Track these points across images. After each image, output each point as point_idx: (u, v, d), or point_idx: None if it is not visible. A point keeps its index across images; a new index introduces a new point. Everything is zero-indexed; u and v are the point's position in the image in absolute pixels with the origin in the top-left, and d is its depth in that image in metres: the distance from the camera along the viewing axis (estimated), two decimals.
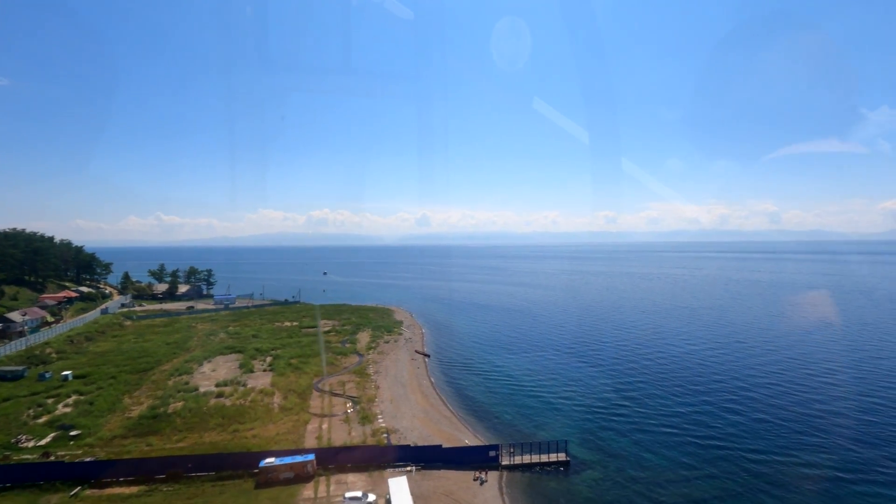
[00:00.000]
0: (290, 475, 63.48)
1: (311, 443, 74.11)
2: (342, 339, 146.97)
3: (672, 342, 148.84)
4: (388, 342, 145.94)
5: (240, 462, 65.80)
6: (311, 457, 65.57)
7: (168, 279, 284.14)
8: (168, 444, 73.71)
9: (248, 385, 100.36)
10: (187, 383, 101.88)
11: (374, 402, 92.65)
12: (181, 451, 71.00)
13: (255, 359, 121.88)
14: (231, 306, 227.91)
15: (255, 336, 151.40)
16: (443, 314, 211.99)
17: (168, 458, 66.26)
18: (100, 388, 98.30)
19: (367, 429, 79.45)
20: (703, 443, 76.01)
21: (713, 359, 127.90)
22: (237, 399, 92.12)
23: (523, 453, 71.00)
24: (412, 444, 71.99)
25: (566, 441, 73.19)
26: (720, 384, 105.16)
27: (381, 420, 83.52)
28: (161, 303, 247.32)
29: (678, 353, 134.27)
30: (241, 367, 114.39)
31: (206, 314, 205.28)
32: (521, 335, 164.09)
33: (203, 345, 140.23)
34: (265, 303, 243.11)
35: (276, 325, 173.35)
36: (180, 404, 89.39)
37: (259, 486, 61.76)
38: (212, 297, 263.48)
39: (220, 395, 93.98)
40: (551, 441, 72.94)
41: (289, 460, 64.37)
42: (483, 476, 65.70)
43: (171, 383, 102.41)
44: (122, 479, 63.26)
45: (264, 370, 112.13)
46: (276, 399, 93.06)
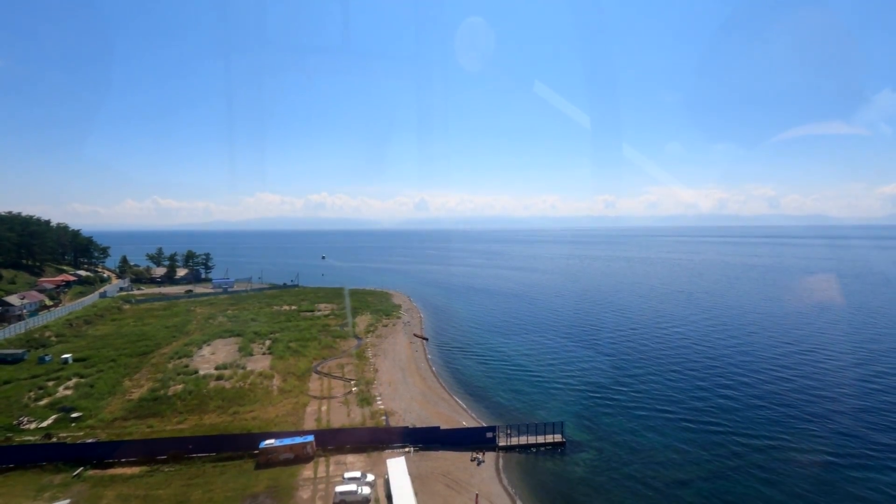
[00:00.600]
0: (290, 456, 64.34)
1: (310, 424, 74.95)
2: (341, 323, 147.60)
3: (668, 326, 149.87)
4: (386, 326, 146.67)
5: (240, 443, 66.63)
6: (310, 438, 66.37)
7: (166, 263, 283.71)
8: (169, 426, 74.52)
9: (248, 368, 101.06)
10: (187, 366, 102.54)
11: (372, 384, 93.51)
12: (182, 432, 71.82)
13: (254, 342, 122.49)
14: (229, 290, 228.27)
15: (254, 320, 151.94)
16: (441, 298, 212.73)
17: (169, 440, 67.02)
18: (100, 371, 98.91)
19: (366, 411, 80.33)
20: (697, 426, 77.13)
21: (709, 343, 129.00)
22: (237, 382, 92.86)
23: (520, 434, 72.01)
24: (410, 426, 72.87)
25: (562, 423, 74.14)
26: (715, 368, 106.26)
27: (379, 402, 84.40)
28: (159, 287, 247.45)
29: (674, 338, 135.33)
30: (241, 350, 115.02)
31: (204, 298, 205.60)
32: (518, 319, 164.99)
33: (202, 328, 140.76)
34: (264, 287, 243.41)
35: (275, 308, 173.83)
36: (180, 387, 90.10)
37: (259, 467, 62.64)
38: (210, 281, 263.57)
39: (219, 378, 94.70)
40: (548, 423, 73.88)
41: (288, 441, 65.19)
42: (480, 457, 66.69)
43: (170, 366, 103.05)
44: (123, 459, 64.07)
45: (263, 353, 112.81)
46: (276, 382, 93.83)
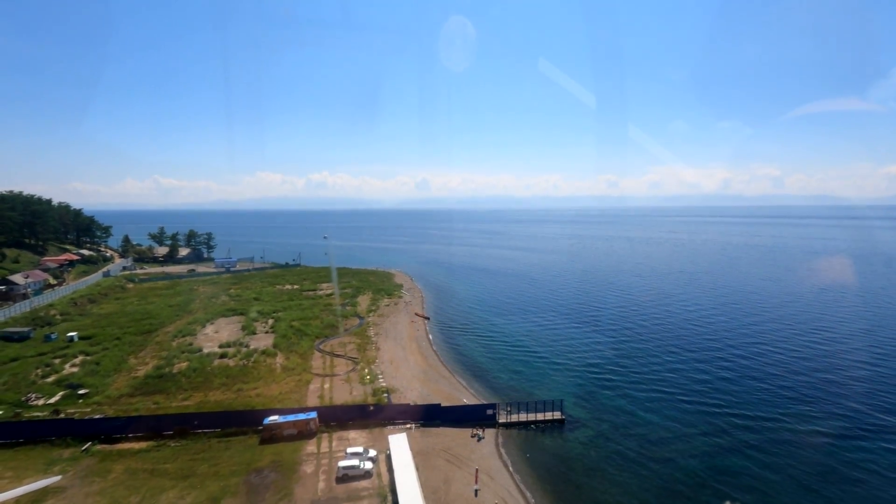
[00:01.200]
0: (294, 432, 65.56)
1: (313, 401, 76.14)
2: (343, 302, 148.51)
3: (669, 306, 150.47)
4: (388, 305, 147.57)
5: (244, 419, 67.83)
6: (313, 415, 67.50)
7: (168, 242, 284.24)
8: (174, 403, 75.81)
9: (251, 346, 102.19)
10: (191, 344, 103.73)
11: (374, 362, 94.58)
12: (187, 409, 73.09)
13: (257, 321, 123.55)
14: (232, 269, 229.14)
15: (257, 299, 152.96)
16: (442, 278, 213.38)
17: (175, 416, 68.26)
18: (105, 349, 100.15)
19: (368, 388, 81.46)
20: (695, 405, 78.08)
21: (709, 322, 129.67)
22: (240, 360, 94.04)
23: (520, 412, 73.09)
24: (412, 403, 73.96)
25: (562, 400, 75.16)
26: (715, 347, 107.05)
27: (381, 380, 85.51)
28: (162, 266, 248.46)
29: (674, 317, 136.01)
30: (244, 328, 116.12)
31: (207, 277, 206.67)
32: (519, 298, 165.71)
33: (205, 307, 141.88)
34: (266, 266, 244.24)
35: (278, 288, 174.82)
36: (185, 364, 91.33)
37: (263, 443, 63.91)
38: (212, 260, 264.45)
39: (223, 356, 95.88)
40: (547, 400, 74.90)
41: (292, 418, 66.33)
42: (480, 433, 67.85)
43: (175, 344, 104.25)
44: (131, 435, 65.36)
45: (266, 332, 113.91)
46: (279, 360, 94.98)
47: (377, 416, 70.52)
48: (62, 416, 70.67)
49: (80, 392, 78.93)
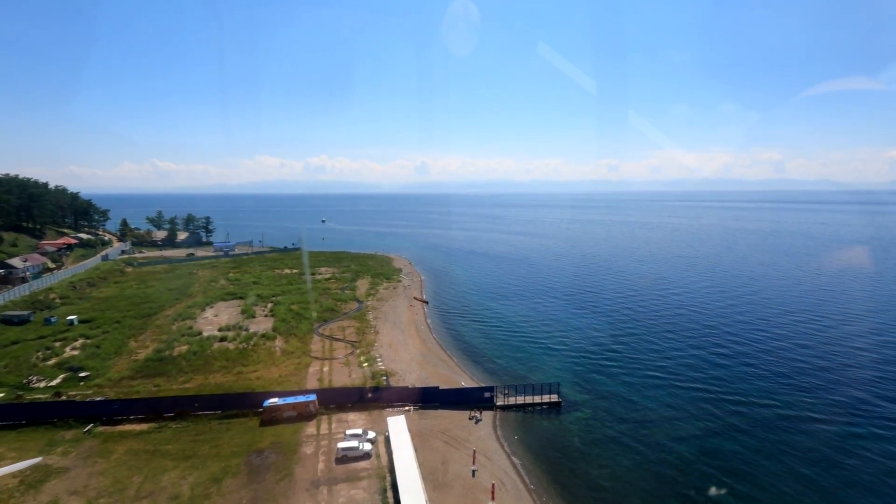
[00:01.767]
0: (293, 414, 66.29)
1: (312, 384, 76.85)
2: (342, 286, 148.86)
3: (666, 290, 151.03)
4: (387, 289, 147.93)
5: (244, 402, 68.50)
6: (312, 397, 68.19)
7: (166, 226, 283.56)
8: (175, 385, 76.48)
9: (251, 330, 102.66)
10: (191, 328, 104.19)
11: (373, 346, 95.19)
12: (188, 391, 73.78)
13: (257, 305, 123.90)
14: (231, 253, 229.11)
15: (256, 283, 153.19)
16: (441, 262, 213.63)
17: (176, 398, 68.90)
18: (105, 332, 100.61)
19: (367, 371, 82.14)
20: (690, 388, 78.87)
21: (706, 307, 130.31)
22: (240, 343, 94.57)
23: (517, 394, 73.85)
24: (410, 386, 74.67)
25: (558, 383, 75.95)
26: (711, 332, 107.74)
27: (380, 363, 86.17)
28: (161, 250, 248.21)
29: (671, 302, 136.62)
30: (243, 312, 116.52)
31: (206, 261, 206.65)
32: (518, 283, 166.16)
33: (204, 291, 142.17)
34: (264, 250, 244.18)
35: (277, 272, 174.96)
36: (185, 348, 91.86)
37: (264, 424, 64.66)
38: (211, 244, 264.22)
39: (223, 340, 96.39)
40: (544, 383, 75.67)
41: (291, 400, 67.01)
42: (478, 415, 68.66)
43: (174, 328, 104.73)
44: (132, 417, 66.10)
45: (265, 315, 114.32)
46: (278, 343, 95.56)
47: (376, 399, 71.25)
48: (64, 398, 71.32)
49: (81, 375, 79.53)
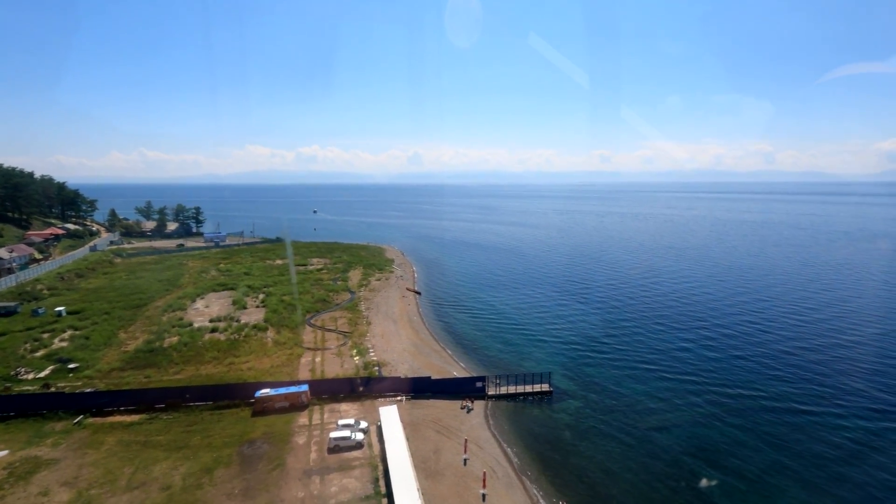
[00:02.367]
0: (286, 404, 66.33)
1: (304, 375, 76.88)
2: (334, 277, 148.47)
3: (656, 281, 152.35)
4: (379, 280, 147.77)
5: (236, 392, 68.39)
6: (304, 387, 68.24)
7: (156, 217, 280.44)
8: (166, 377, 76.11)
9: (242, 321, 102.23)
10: (181, 319, 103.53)
11: (365, 336, 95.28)
12: (179, 382, 73.46)
13: (248, 296, 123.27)
14: (221, 244, 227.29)
15: (247, 273, 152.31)
16: (434, 253, 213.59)
17: (167, 389, 68.64)
18: (94, 324, 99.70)
19: (359, 361, 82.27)
20: (679, 377, 79.93)
21: (695, 298, 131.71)
22: (231, 334, 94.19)
23: (509, 384, 74.40)
24: (402, 376, 74.92)
25: (550, 373, 76.61)
26: (700, 323, 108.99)
27: (372, 353, 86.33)
28: (150, 240, 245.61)
29: (662, 292, 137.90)
30: (234, 303, 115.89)
31: (196, 252, 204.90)
32: (510, 273, 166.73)
33: (195, 282, 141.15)
34: (256, 241, 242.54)
35: (268, 262, 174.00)
36: (175, 339, 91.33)
37: (255, 415, 64.67)
38: (201, 234, 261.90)
39: (214, 331, 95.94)
40: (535, 373, 76.27)
41: (283, 391, 67.01)
42: (470, 405, 69.15)
43: (165, 319, 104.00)
44: (122, 408, 65.77)
45: (257, 307, 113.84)
46: (270, 334, 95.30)
47: (368, 389, 71.48)
48: (53, 389, 70.75)
49: (71, 366, 78.86)
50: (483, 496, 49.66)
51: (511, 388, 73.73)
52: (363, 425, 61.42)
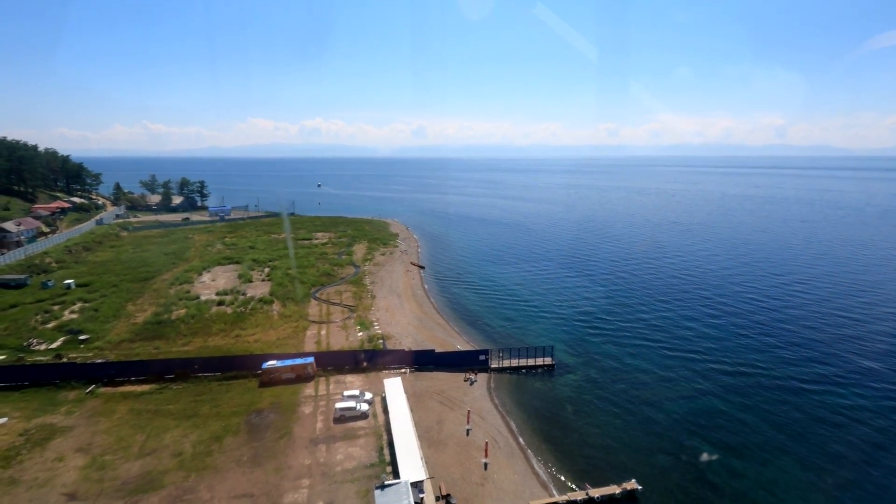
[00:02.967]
0: (292, 376, 67.62)
1: (310, 347, 78.03)
2: (338, 251, 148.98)
3: (661, 257, 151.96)
4: (383, 254, 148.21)
5: (243, 364, 69.71)
6: (310, 359, 69.39)
7: (160, 190, 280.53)
8: (174, 348, 77.53)
9: (248, 294, 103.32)
10: (188, 292, 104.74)
11: (370, 310, 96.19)
12: (188, 353, 74.86)
13: (253, 269, 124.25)
14: (226, 218, 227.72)
15: (252, 247, 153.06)
16: (438, 227, 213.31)
17: (176, 360, 69.96)
18: (103, 296, 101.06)
19: (364, 335, 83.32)
20: (681, 352, 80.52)
21: (699, 273, 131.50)
22: (238, 307, 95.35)
23: (511, 357, 75.31)
24: (406, 349, 75.95)
25: (552, 346, 77.34)
26: (704, 297, 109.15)
27: (377, 327, 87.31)
28: (156, 214, 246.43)
29: (665, 267, 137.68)
30: (240, 277, 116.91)
31: (201, 226, 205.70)
32: (515, 248, 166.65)
33: (201, 255, 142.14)
34: (260, 215, 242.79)
35: (273, 236, 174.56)
36: (183, 311, 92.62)
37: (263, 386, 66.04)
38: (206, 208, 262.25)
39: (220, 304, 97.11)
40: (538, 346, 77.07)
41: (290, 362, 68.19)
42: (473, 377, 70.23)
43: (172, 292, 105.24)
44: (133, 378, 67.28)
45: (262, 280, 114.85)
46: (276, 307, 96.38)
47: (373, 362, 72.59)
48: (65, 360, 72.31)
49: (81, 337, 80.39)
50: (485, 465, 50.94)
51: (514, 362, 74.67)
52: (368, 396, 62.64)
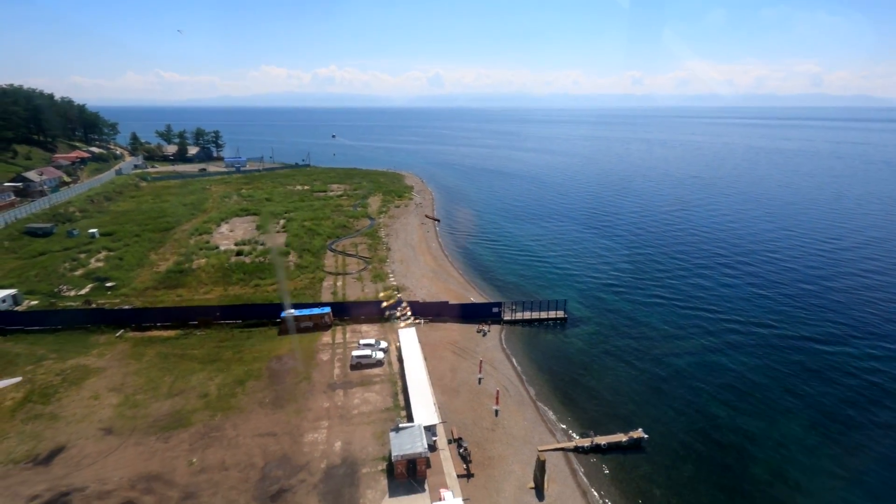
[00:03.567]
0: (310, 325, 69.70)
1: (326, 297, 79.88)
2: (354, 204, 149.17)
3: (679, 212, 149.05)
4: (398, 207, 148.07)
5: (263, 312, 71.93)
6: (327, 309, 71.20)
7: (176, 141, 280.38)
8: (196, 296, 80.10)
9: (265, 245, 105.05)
10: (208, 242, 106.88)
11: (385, 262, 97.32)
12: (209, 301, 77.36)
13: (270, 221, 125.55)
14: (242, 169, 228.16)
15: (269, 199, 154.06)
16: (454, 180, 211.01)
17: (199, 308, 72.50)
18: (126, 245, 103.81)
19: (379, 286, 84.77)
20: (694, 309, 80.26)
21: (719, 229, 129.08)
22: (256, 257, 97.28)
23: (524, 310, 76.18)
24: (421, 301, 77.26)
25: (565, 300, 77.79)
26: (721, 254, 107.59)
27: (391, 278, 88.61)
28: (173, 165, 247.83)
29: (684, 223, 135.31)
30: (258, 228, 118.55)
31: (217, 177, 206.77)
32: (531, 202, 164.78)
33: (218, 206, 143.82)
34: (275, 166, 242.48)
35: (288, 188, 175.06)
36: (203, 261, 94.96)
37: (282, 334, 68.34)
38: (222, 159, 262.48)
39: (239, 254, 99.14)
40: (551, 300, 77.58)
41: (307, 311, 70.10)
42: (486, 329, 71.54)
43: (192, 242, 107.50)
44: (159, 324, 70.16)
45: (279, 231, 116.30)
46: (292, 258, 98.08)
47: (388, 312, 74.15)
48: (94, 306, 75.43)
49: (108, 285, 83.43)
50: (496, 412, 52.81)
51: (526, 314, 75.59)
52: (383, 345, 64.51)
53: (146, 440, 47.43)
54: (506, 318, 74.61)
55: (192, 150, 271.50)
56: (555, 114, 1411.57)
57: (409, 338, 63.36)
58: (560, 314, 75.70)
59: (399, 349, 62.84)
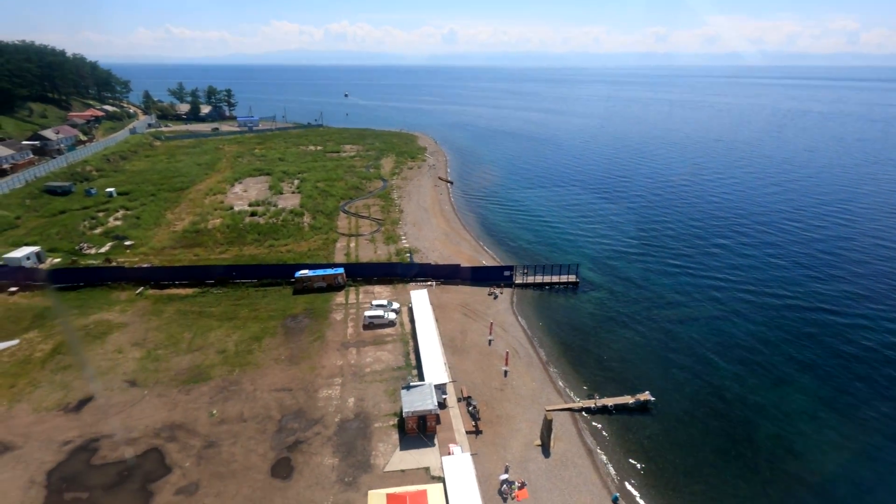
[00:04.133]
0: (323, 285, 70.77)
1: (339, 258, 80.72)
2: (366, 164, 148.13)
3: (698, 178, 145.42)
4: (411, 168, 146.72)
5: (278, 272, 73.11)
6: (340, 270, 72.02)
7: (188, 99, 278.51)
8: (212, 255, 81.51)
9: (279, 206, 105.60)
10: (222, 202, 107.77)
11: (398, 224, 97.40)
12: (225, 261, 78.76)
13: (283, 181, 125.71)
14: (255, 129, 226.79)
15: (282, 159, 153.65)
16: (468, 142, 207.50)
17: (216, 267, 73.95)
18: (143, 205, 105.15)
19: (392, 248, 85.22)
20: (708, 276, 79.33)
21: (738, 194, 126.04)
22: (270, 218, 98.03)
23: (536, 274, 76.18)
24: (433, 263, 77.64)
25: (577, 265, 77.42)
26: (739, 221, 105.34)
27: (404, 241, 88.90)
28: (186, 124, 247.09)
29: (703, 189, 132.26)
30: (271, 188, 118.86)
31: (230, 136, 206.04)
32: (546, 165, 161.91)
33: (232, 166, 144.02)
34: (288, 126, 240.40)
35: (301, 148, 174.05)
36: (218, 221, 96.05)
37: (296, 293, 69.60)
38: (234, 118, 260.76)
39: (253, 214, 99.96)
40: (563, 264, 77.34)
41: (321, 272, 71.03)
42: (497, 292, 71.94)
43: (207, 202, 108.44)
44: (177, 282, 71.85)
45: (293, 192, 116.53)
46: (306, 219, 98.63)
47: (400, 274, 74.84)
48: (114, 264, 77.30)
49: (127, 243, 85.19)
50: (505, 372, 53.82)
51: (538, 278, 75.64)
52: (395, 306, 65.44)
53: (168, 392, 49.53)
54: (517, 282, 74.79)
55: (205, 109, 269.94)
56: (574, 72, 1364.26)
57: (420, 299, 64.08)
58: (572, 278, 75.54)
59: (411, 310, 63.73)
